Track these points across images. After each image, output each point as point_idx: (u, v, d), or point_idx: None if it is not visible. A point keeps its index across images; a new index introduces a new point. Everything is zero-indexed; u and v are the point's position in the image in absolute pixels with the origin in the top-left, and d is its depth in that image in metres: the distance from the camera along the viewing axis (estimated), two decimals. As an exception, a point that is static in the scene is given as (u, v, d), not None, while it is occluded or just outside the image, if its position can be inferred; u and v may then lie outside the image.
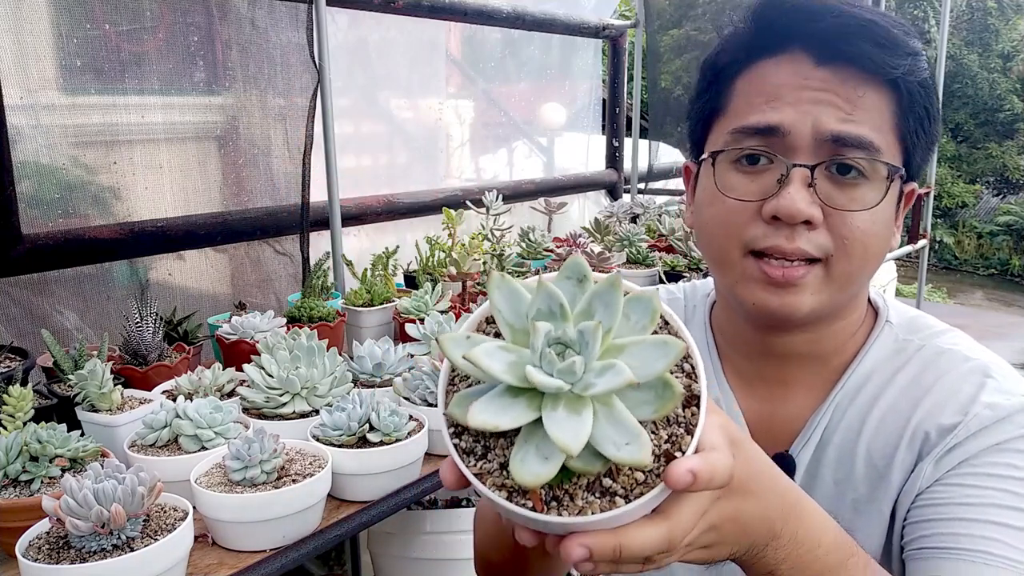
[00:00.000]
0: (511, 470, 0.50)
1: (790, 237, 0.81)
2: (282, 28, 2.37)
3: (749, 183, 0.84)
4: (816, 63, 0.82)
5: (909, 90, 0.82)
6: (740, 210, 0.84)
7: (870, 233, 0.82)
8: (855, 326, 0.94)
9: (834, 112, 0.81)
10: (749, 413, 0.98)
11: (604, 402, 0.51)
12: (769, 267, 0.83)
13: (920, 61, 0.82)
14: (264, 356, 1.51)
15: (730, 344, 1.00)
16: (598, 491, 0.52)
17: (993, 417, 0.83)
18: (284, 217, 2.40)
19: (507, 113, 3.71)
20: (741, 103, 0.86)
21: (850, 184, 0.82)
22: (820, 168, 0.81)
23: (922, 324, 0.95)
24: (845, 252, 0.82)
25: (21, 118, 1.89)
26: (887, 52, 0.80)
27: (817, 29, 0.81)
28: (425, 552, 2.23)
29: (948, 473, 0.84)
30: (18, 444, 1.21)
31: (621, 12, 4.67)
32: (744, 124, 0.84)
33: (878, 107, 0.82)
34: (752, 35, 0.87)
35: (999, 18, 12.96)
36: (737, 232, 0.85)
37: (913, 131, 0.84)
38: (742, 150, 0.84)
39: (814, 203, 0.81)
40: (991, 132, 13.01)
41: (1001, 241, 12.24)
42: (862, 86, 0.81)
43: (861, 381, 0.92)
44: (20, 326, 1.92)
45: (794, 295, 0.83)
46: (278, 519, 1.23)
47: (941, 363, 0.89)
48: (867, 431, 0.90)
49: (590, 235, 3.09)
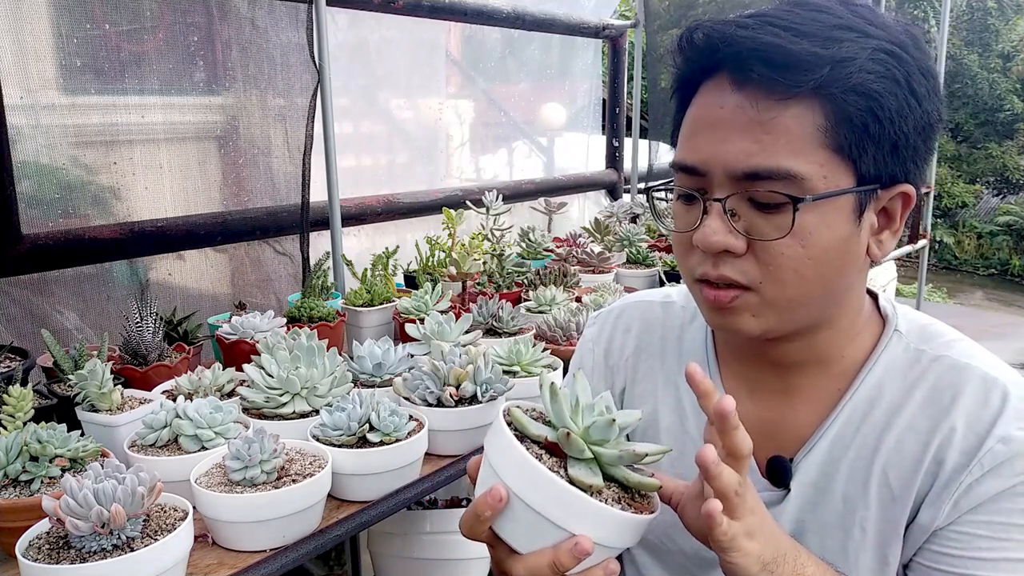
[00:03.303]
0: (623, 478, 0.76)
1: (715, 265, 0.84)
2: (282, 28, 2.37)
3: (685, 215, 0.88)
4: (733, 88, 0.81)
5: (834, 101, 0.78)
6: (681, 240, 0.88)
7: (798, 258, 0.80)
8: (850, 333, 0.92)
9: (744, 144, 0.79)
10: (752, 420, 0.96)
11: None
12: (707, 291, 0.86)
13: (845, 67, 0.77)
14: (264, 356, 1.51)
15: (731, 351, 1.00)
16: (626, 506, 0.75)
17: (1007, 453, 0.82)
18: (284, 217, 2.40)
19: (507, 113, 3.71)
20: (681, 136, 0.88)
21: (771, 212, 0.80)
22: (739, 199, 0.81)
23: (934, 332, 0.93)
24: (774, 279, 0.82)
25: (21, 118, 1.88)
26: (785, 72, 0.77)
27: (730, 53, 0.80)
28: (425, 552, 2.22)
29: (963, 518, 0.84)
30: (18, 444, 1.21)
31: (621, 12, 4.66)
32: (673, 161, 0.88)
33: (795, 128, 0.78)
34: (683, 65, 0.87)
35: (999, 18, 12.95)
36: (684, 261, 0.90)
37: (854, 142, 0.79)
38: (677, 186, 0.88)
39: (730, 232, 0.81)
40: (991, 132, 13.00)
41: (1001, 241, 12.24)
42: (774, 107, 0.78)
43: (873, 393, 0.90)
44: (20, 326, 1.92)
45: (734, 317, 0.86)
46: (278, 519, 1.23)
47: (958, 380, 0.87)
48: (884, 451, 0.88)
49: (590, 235, 3.09)
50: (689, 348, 1.04)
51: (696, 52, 0.85)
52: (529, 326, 2.08)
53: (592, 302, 2.25)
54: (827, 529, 0.91)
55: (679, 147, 0.88)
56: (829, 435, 0.91)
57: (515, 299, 2.36)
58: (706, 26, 0.83)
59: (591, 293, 2.37)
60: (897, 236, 0.88)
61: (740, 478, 0.72)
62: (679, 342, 1.05)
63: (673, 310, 1.09)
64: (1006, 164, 12.81)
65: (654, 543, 1.03)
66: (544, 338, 2.04)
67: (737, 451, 0.72)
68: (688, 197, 0.86)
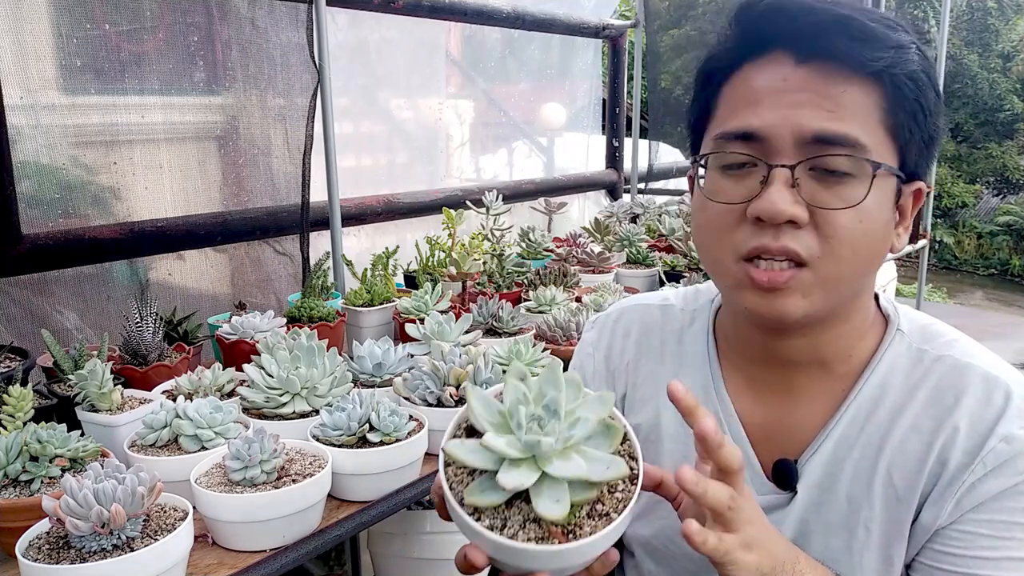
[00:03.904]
0: (540, 511, 0.63)
1: (775, 236, 0.81)
2: (282, 28, 2.37)
3: (734, 187, 0.84)
4: (796, 63, 0.81)
5: (895, 84, 0.80)
6: (726, 214, 0.85)
7: (857, 232, 0.81)
8: (860, 331, 0.92)
9: (815, 112, 0.80)
10: (756, 421, 0.96)
11: (579, 450, 0.67)
12: (756, 271, 0.82)
13: (906, 54, 0.80)
14: (264, 356, 1.51)
15: (735, 350, 0.99)
16: (596, 516, 0.66)
17: (1009, 452, 0.82)
18: (284, 217, 2.40)
19: (507, 113, 3.71)
20: (726, 109, 0.87)
21: (835, 182, 0.80)
22: (803, 168, 0.80)
23: (935, 332, 0.93)
24: (832, 253, 0.81)
25: (21, 118, 1.89)
26: (864, 46, 0.79)
27: (794, 28, 0.81)
28: (425, 552, 2.22)
29: (965, 517, 0.84)
30: (18, 444, 1.21)
31: (621, 12, 4.67)
32: (725, 130, 0.85)
33: (863, 103, 0.80)
34: (735, 40, 0.87)
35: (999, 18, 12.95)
36: (726, 237, 0.85)
37: (905, 126, 0.82)
38: (727, 155, 0.85)
39: (797, 203, 0.80)
40: (991, 132, 12.99)
41: (1001, 241, 12.24)
42: (843, 83, 0.80)
43: (877, 393, 0.90)
44: (20, 326, 1.92)
45: (783, 299, 0.83)
46: (278, 519, 1.23)
47: (960, 380, 0.87)
48: (888, 451, 0.88)
49: (590, 235, 3.09)
50: (690, 351, 1.03)
51: (762, 20, 0.84)
52: (529, 326, 2.08)
53: (592, 302, 2.25)
54: (832, 529, 0.91)
55: (727, 118, 0.86)
56: (834, 436, 0.91)
57: (515, 299, 2.36)
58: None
59: (591, 293, 2.37)
60: (908, 233, 0.90)
61: (732, 491, 0.71)
62: (679, 345, 1.05)
63: (672, 313, 1.08)
64: (1006, 164, 12.81)
65: (659, 548, 1.02)
66: (544, 338, 2.04)
67: (727, 467, 0.71)
68: (737, 167, 0.84)
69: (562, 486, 0.65)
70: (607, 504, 0.67)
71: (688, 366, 1.02)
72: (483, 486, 0.67)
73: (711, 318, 1.04)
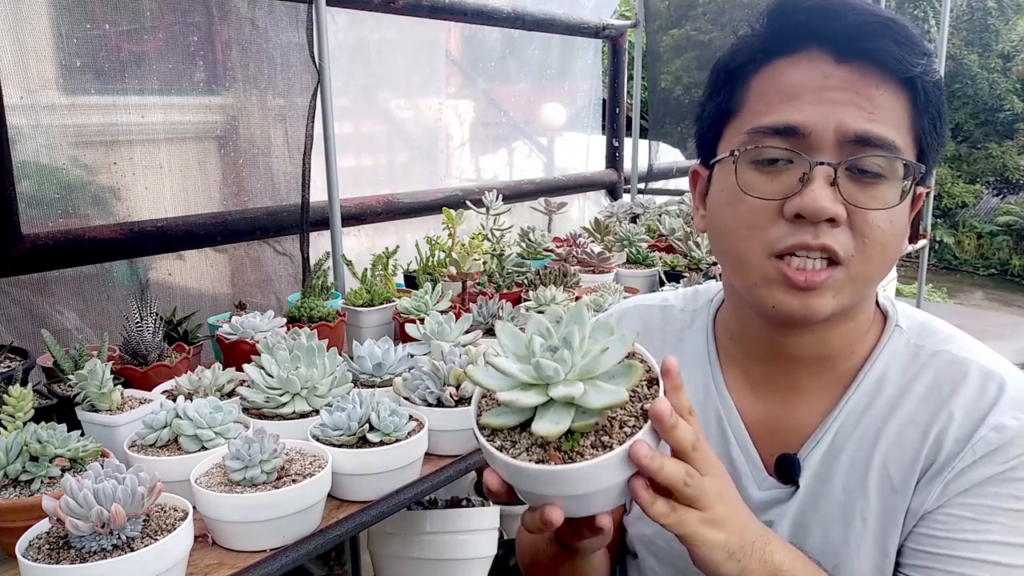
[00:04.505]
0: (535, 429, 0.67)
1: (815, 234, 0.81)
2: (282, 28, 2.37)
3: (769, 182, 0.84)
4: (836, 61, 0.82)
5: (925, 90, 0.82)
6: (761, 210, 0.84)
7: (889, 233, 0.83)
8: (864, 328, 0.94)
9: (856, 111, 0.81)
10: (757, 418, 0.97)
11: (590, 381, 0.70)
12: (791, 270, 0.82)
13: (934, 62, 0.83)
14: (264, 356, 1.51)
15: (740, 348, 1.00)
16: (599, 447, 0.69)
17: (999, 440, 0.83)
18: (284, 217, 2.40)
19: (507, 113, 3.71)
20: (758, 103, 0.85)
21: (871, 183, 0.82)
22: (842, 167, 0.81)
23: (933, 328, 0.95)
24: (864, 253, 0.82)
25: (21, 118, 1.88)
26: (907, 50, 0.80)
27: (837, 27, 0.81)
28: (425, 552, 2.22)
29: (952, 501, 0.84)
30: (18, 444, 1.21)
31: (621, 12, 4.67)
32: (762, 124, 0.84)
33: (896, 106, 0.82)
34: (768, 34, 0.86)
35: (999, 18, 12.95)
36: (759, 233, 0.84)
37: (927, 132, 0.84)
38: (763, 149, 0.84)
39: (838, 201, 0.80)
40: (991, 132, 13.00)
41: (1001, 241, 12.24)
42: (882, 84, 0.81)
43: (874, 387, 0.91)
44: (20, 326, 1.92)
45: (816, 298, 0.83)
46: (278, 519, 1.23)
47: (957, 374, 0.88)
48: (884, 442, 0.89)
49: (590, 235, 3.09)
50: (690, 350, 1.04)
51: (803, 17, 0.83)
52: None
53: (592, 302, 2.25)
54: (829, 520, 0.92)
55: (762, 112, 0.84)
56: (832, 429, 0.92)
57: (515, 299, 2.36)
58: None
59: (591, 293, 2.37)
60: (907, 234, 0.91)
61: (688, 468, 0.70)
62: (680, 344, 1.05)
63: (672, 313, 1.08)
64: (1006, 164, 12.81)
65: (661, 547, 1.03)
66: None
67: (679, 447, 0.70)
68: (772, 163, 0.83)
69: (563, 409, 0.69)
70: (614, 437, 0.69)
71: (689, 365, 1.02)
72: (499, 411, 0.72)
73: (711, 318, 1.05)
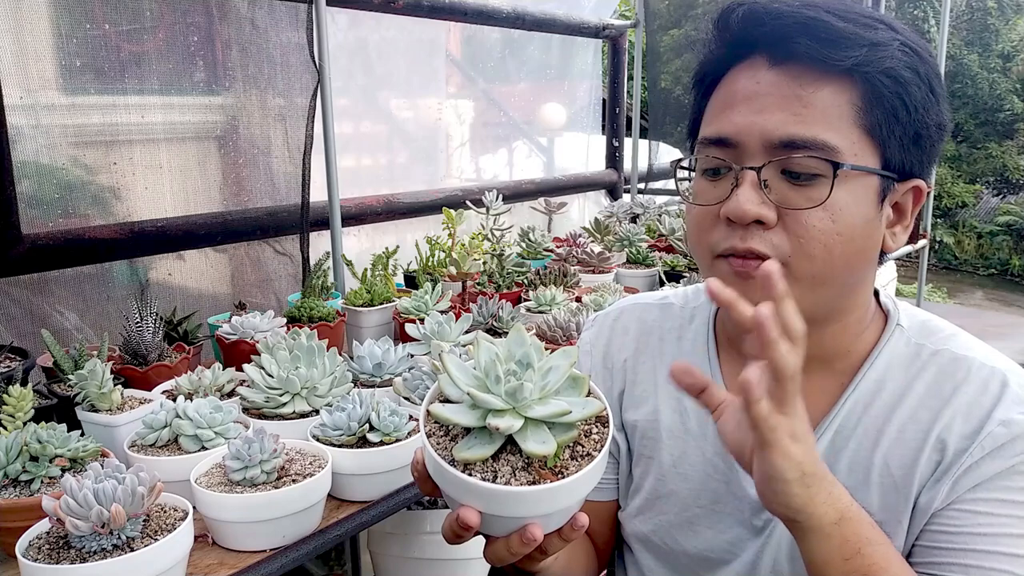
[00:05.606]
0: (528, 449, 0.68)
1: (744, 237, 0.83)
2: (282, 28, 2.37)
3: (712, 189, 0.88)
4: (770, 66, 0.84)
5: (870, 81, 0.81)
6: (704, 215, 0.88)
7: (828, 232, 0.82)
8: (858, 328, 0.93)
9: (781, 115, 0.82)
10: None
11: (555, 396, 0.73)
12: (731, 260, 0.85)
13: (881, 51, 0.81)
14: (264, 356, 1.51)
15: (736, 346, 1.00)
16: (579, 457, 0.71)
17: (1007, 435, 0.83)
18: (284, 217, 2.40)
19: (507, 113, 3.71)
20: (709, 115, 0.90)
21: (806, 185, 0.82)
22: (773, 170, 0.82)
23: (934, 327, 0.94)
24: (803, 252, 0.82)
25: (21, 118, 1.89)
26: (830, 46, 0.80)
27: (761, 33, 0.83)
28: (425, 552, 2.22)
29: (962, 496, 0.84)
30: (18, 444, 1.21)
31: (621, 12, 4.67)
32: (705, 135, 0.88)
33: (834, 103, 0.81)
34: (718, 46, 0.89)
35: (999, 18, 12.95)
36: (705, 236, 0.89)
37: (883, 124, 0.82)
38: (705, 159, 0.88)
39: (764, 203, 0.82)
40: (991, 132, 13.00)
41: (1001, 241, 12.24)
42: (813, 84, 0.81)
43: (875, 386, 0.91)
44: (20, 326, 1.92)
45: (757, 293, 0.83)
46: (278, 519, 1.23)
47: (958, 372, 0.88)
48: (885, 441, 0.89)
49: (590, 235, 3.09)
50: (689, 348, 1.04)
51: (738, 26, 0.86)
52: (529, 326, 2.08)
53: (592, 302, 2.25)
54: None
55: (708, 123, 0.89)
56: (831, 429, 0.92)
57: (515, 299, 2.36)
58: (747, 5, 0.85)
59: (591, 293, 2.37)
60: (908, 232, 0.90)
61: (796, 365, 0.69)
62: (679, 342, 1.05)
63: (671, 311, 1.09)
64: (1006, 164, 12.81)
65: (657, 544, 1.03)
66: (544, 338, 2.04)
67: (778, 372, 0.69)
68: (715, 171, 0.87)
69: (545, 428, 0.70)
70: (587, 446, 0.72)
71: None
72: (470, 443, 0.70)
73: (711, 315, 1.05)
